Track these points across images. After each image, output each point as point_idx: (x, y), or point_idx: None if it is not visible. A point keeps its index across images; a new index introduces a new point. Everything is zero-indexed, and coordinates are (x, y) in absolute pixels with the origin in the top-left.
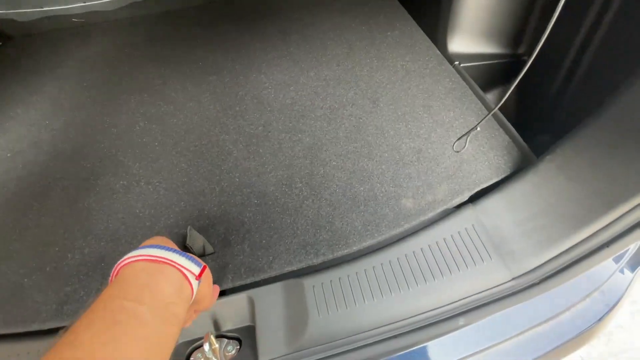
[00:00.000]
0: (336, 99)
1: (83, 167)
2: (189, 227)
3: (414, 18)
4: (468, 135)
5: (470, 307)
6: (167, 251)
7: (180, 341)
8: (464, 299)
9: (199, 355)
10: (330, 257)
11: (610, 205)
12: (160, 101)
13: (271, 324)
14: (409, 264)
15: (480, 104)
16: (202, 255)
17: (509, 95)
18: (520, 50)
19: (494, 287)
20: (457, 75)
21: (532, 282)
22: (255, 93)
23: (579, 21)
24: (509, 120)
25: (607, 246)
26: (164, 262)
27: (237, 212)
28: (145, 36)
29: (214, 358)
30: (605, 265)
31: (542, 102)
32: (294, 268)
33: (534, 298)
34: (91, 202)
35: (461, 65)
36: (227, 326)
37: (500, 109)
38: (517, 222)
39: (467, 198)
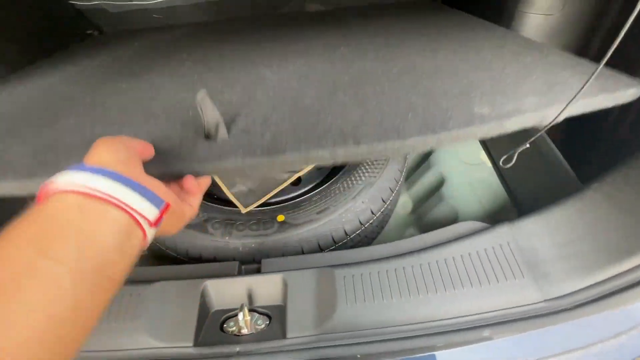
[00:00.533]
0: (392, 52)
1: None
2: (202, 92)
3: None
4: (516, 152)
5: (498, 321)
6: (115, 182)
7: (217, 308)
8: (492, 311)
9: (232, 323)
10: (368, 145)
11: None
12: (215, 60)
13: (301, 306)
14: (439, 269)
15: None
16: (209, 137)
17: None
18: None
19: (524, 305)
20: None
21: (564, 307)
22: (304, 49)
23: None
24: (568, 146)
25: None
26: (108, 200)
27: (266, 112)
28: (216, 38)
29: (245, 328)
30: None
31: (595, 133)
32: (326, 154)
33: (564, 324)
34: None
35: None
36: (259, 302)
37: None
38: (555, 245)
39: (558, 112)
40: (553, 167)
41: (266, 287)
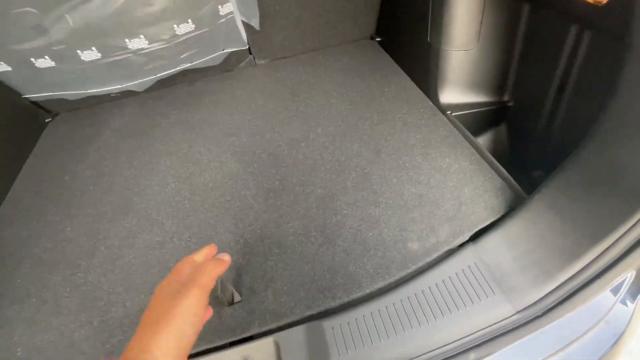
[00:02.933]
0: (343, 152)
1: (123, 226)
2: (219, 279)
3: (408, 74)
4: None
5: (479, 342)
6: None
7: None
8: (472, 334)
9: None
10: (346, 300)
11: (595, 240)
12: (188, 163)
13: None
14: (418, 302)
15: (472, 149)
16: (231, 303)
17: (504, 138)
18: (505, 98)
19: (500, 321)
20: (450, 124)
21: (536, 315)
22: (270, 150)
23: (553, 67)
24: (506, 159)
25: (599, 277)
26: None
27: (260, 261)
28: (171, 104)
29: None
30: (605, 296)
31: (531, 142)
32: (314, 312)
33: (540, 330)
34: (131, 258)
35: (453, 114)
36: None
37: (495, 151)
38: (515, 257)
39: (467, 238)
40: (501, 184)
41: (260, 352)
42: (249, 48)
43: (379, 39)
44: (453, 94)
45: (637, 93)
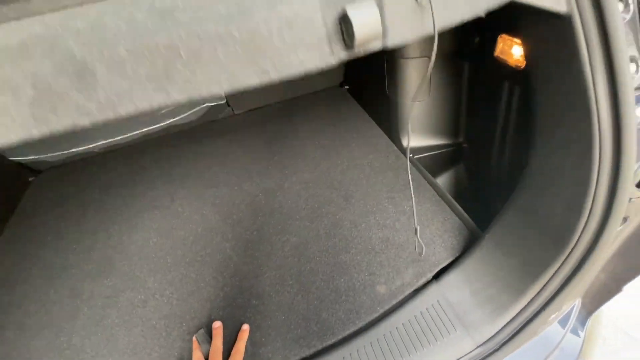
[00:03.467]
0: (315, 199)
1: (106, 285)
2: (199, 332)
3: (374, 120)
4: (417, 237)
5: None
6: None
7: None
8: None
9: None
10: (320, 347)
11: (535, 277)
12: (169, 216)
13: None
14: (387, 343)
15: (433, 190)
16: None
17: (463, 176)
18: (460, 139)
19: (463, 356)
20: (413, 167)
21: (494, 349)
22: (248, 201)
23: (495, 114)
24: (466, 196)
25: (543, 309)
26: None
27: (239, 313)
28: (153, 158)
29: None
30: (555, 327)
31: (486, 179)
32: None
33: None
34: (114, 318)
35: (415, 157)
36: None
37: (456, 187)
38: (473, 292)
39: (430, 278)
40: (459, 225)
41: None
42: (226, 101)
43: (347, 87)
44: (414, 139)
45: (548, 149)
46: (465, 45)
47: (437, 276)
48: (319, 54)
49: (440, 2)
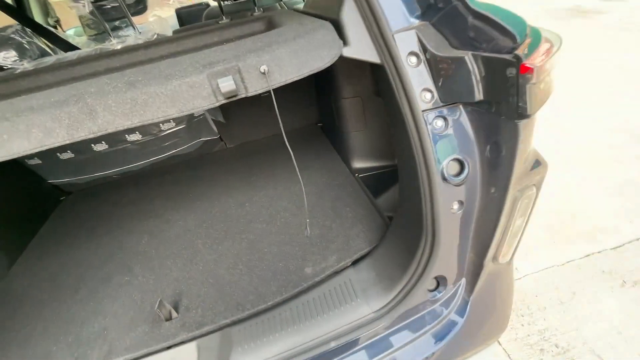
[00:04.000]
0: (274, 208)
1: (104, 271)
2: (159, 300)
3: (335, 150)
4: (307, 225)
5: (346, 331)
6: None
7: None
8: (342, 327)
9: None
10: (253, 311)
11: (411, 259)
12: (160, 222)
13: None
14: (307, 308)
15: (367, 199)
16: (169, 319)
17: (397, 196)
18: (395, 162)
19: (361, 318)
20: (357, 183)
21: (383, 313)
22: (222, 210)
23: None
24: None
25: (418, 281)
26: None
27: (198, 289)
28: (156, 181)
29: None
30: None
31: None
32: (228, 321)
33: (394, 328)
34: (106, 292)
35: (359, 176)
36: None
37: (394, 205)
38: (377, 274)
39: (349, 263)
40: (379, 223)
41: (185, 354)
42: (220, 136)
43: (321, 125)
44: (358, 161)
45: (399, 155)
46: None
47: (355, 263)
48: (209, 100)
49: (275, 70)
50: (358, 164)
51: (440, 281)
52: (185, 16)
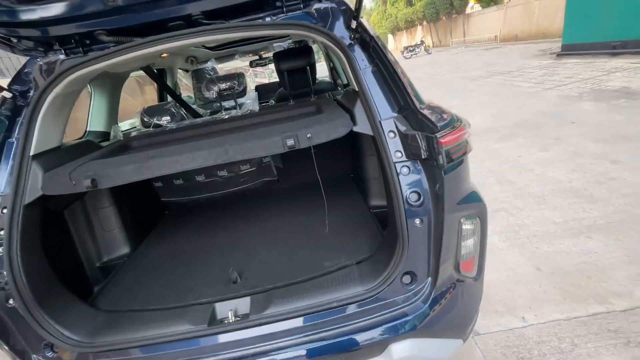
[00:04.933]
0: (310, 227)
1: (196, 255)
2: (231, 269)
3: (359, 191)
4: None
5: (344, 303)
6: None
7: None
8: (343, 299)
9: None
10: (287, 282)
11: (392, 254)
12: (231, 230)
13: None
14: (323, 284)
15: (375, 225)
16: (235, 282)
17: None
18: None
19: (358, 294)
20: (370, 215)
21: (371, 290)
22: (273, 225)
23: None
24: None
25: (394, 270)
26: None
27: (254, 267)
28: (228, 204)
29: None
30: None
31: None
32: (271, 286)
33: (380, 303)
34: (197, 266)
35: (374, 211)
36: None
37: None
38: (372, 267)
39: (355, 262)
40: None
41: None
42: (277, 178)
43: (352, 175)
44: (375, 200)
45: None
46: None
47: (359, 262)
48: (280, 149)
49: (315, 136)
50: (374, 202)
51: (412, 277)
52: (262, 91)
